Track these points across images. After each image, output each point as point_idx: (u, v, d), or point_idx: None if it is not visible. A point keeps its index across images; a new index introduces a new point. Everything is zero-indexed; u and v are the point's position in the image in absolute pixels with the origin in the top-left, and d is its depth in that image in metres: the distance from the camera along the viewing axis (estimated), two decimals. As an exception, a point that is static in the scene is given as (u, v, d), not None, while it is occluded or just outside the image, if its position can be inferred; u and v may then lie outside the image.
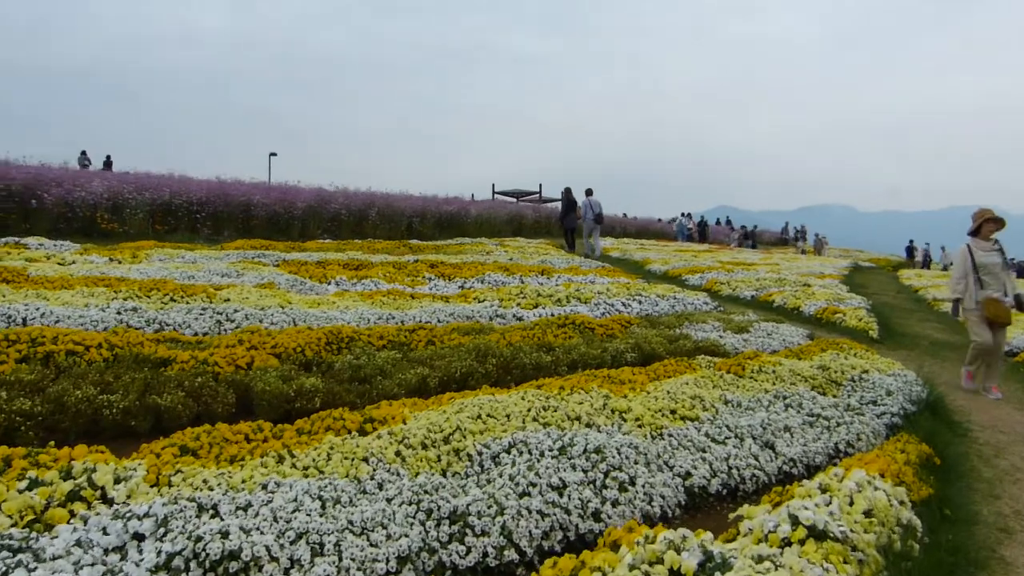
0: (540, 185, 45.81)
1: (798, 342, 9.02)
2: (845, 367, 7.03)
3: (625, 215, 42.22)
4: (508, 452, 4.13)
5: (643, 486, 4.00)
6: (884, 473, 4.34)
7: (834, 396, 6.31)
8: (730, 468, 4.54)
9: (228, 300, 7.56)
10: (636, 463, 4.20)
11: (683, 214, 40.90)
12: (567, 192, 22.22)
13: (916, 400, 6.56)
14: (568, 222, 21.48)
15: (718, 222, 47.23)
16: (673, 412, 5.12)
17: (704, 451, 4.63)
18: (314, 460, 3.66)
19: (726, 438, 4.86)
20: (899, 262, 39.60)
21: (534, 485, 3.65)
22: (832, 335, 11.25)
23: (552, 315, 9.10)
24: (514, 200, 41.02)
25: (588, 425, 4.66)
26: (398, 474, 3.66)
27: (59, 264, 9.55)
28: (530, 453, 4.13)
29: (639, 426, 4.76)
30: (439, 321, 8.13)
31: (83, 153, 30.61)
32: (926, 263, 40.14)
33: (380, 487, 3.52)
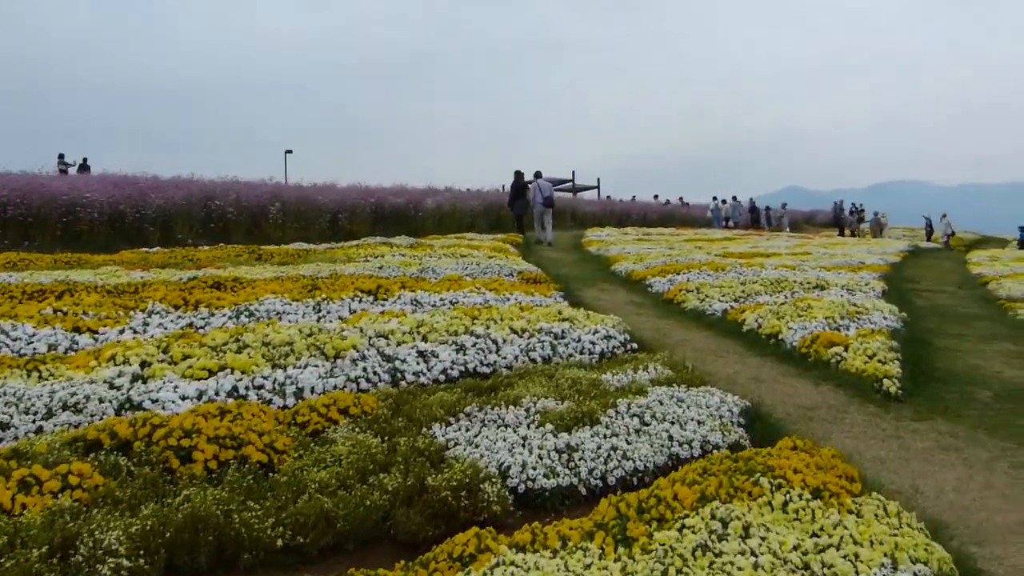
0: (573, 172, 41.35)
1: (690, 456, 4.32)
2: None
3: (632, 198, 37.15)
4: None
5: None
6: None
7: None
8: None
9: None
10: None
11: (715, 198, 35.62)
12: (517, 176, 18.32)
13: None
14: (517, 208, 18.11)
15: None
16: None
17: None
18: None
19: None
20: (974, 239, 33.69)
21: None
22: (822, 387, 6.52)
23: (213, 395, 4.69)
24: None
25: None
26: None
27: None
28: None
29: None
30: None
31: (60, 157, 27.45)
32: (929, 235, 34.33)
33: None
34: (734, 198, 36.17)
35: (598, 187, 41.58)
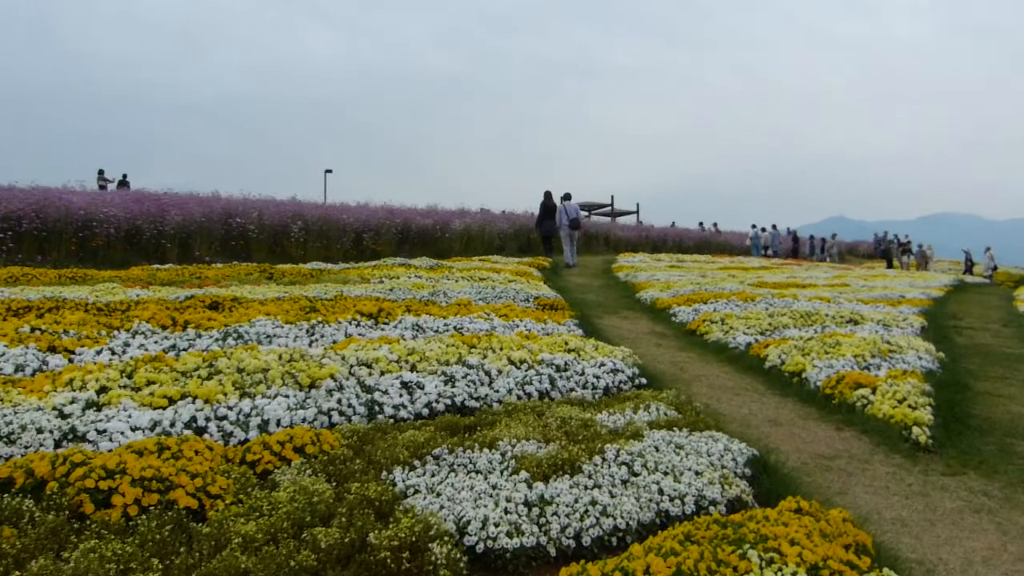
0: (612, 197, 41.10)
1: (681, 514, 3.85)
2: None
3: (672, 224, 36.47)
4: None
5: None
6: None
7: None
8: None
9: None
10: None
11: (754, 226, 34.83)
12: (546, 196, 17.97)
13: None
14: (545, 229, 17.83)
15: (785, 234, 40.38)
16: None
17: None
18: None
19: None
20: (1023, 276, 32.39)
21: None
22: (844, 433, 6.00)
23: (168, 426, 4.33)
24: (586, 213, 36.95)
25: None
26: None
27: None
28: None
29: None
30: None
31: (100, 172, 27.89)
32: (968, 268, 32.64)
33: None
34: (773, 226, 35.37)
35: (637, 212, 41.09)
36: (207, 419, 4.55)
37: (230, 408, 4.71)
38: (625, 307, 12.68)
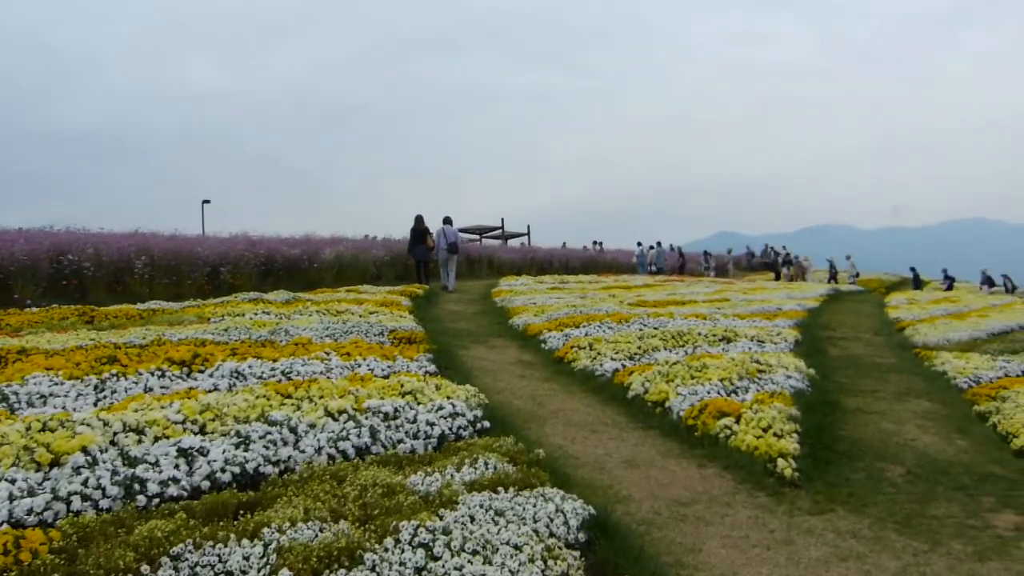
0: (502, 220, 40.74)
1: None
2: None
3: (563, 245, 36.32)
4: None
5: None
6: None
7: None
8: None
9: None
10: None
11: (639, 244, 34.86)
12: (417, 221, 17.25)
13: None
14: (417, 254, 17.17)
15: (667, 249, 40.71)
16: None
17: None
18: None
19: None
20: (894, 281, 33.66)
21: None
22: (706, 471, 5.39)
23: None
24: (477, 237, 36.51)
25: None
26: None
27: None
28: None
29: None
30: None
31: None
32: (832, 277, 33.26)
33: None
34: (658, 243, 35.54)
35: (528, 234, 40.83)
36: None
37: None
38: (496, 334, 11.96)
